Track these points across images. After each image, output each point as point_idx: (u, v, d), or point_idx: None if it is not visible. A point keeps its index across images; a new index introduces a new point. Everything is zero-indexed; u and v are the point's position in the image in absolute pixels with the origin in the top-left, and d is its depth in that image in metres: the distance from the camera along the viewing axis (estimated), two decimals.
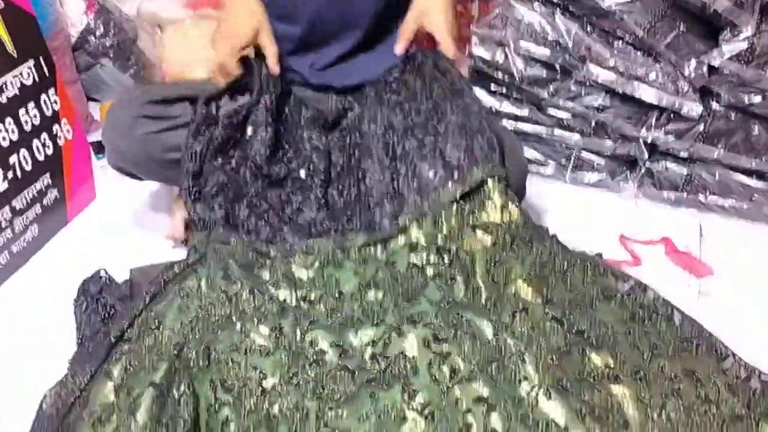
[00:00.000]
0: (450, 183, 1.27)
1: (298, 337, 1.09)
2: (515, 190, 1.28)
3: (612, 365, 1.05)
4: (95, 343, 1.10)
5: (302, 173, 1.35)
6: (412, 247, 1.25)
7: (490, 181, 1.26)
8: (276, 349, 1.07)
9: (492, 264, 1.20)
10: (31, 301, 1.34)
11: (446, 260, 1.22)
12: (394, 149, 1.33)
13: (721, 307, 1.36)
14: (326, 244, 1.26)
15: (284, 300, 1.16)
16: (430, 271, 1.21)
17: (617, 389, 1.02)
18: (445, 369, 1.03)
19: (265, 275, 1.21)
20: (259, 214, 1.30)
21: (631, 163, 1.70)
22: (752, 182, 1.61)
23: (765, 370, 1.09)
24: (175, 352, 1.04)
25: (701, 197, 1.64)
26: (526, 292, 1.15)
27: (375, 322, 1.12)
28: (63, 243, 1.51)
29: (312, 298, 1.18)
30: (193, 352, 1.03)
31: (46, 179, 1.50)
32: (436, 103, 1.33)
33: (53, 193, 1.52)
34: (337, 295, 1.19)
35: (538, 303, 1.13)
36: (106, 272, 1.29)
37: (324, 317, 1.14)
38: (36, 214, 1.47)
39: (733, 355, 1.12)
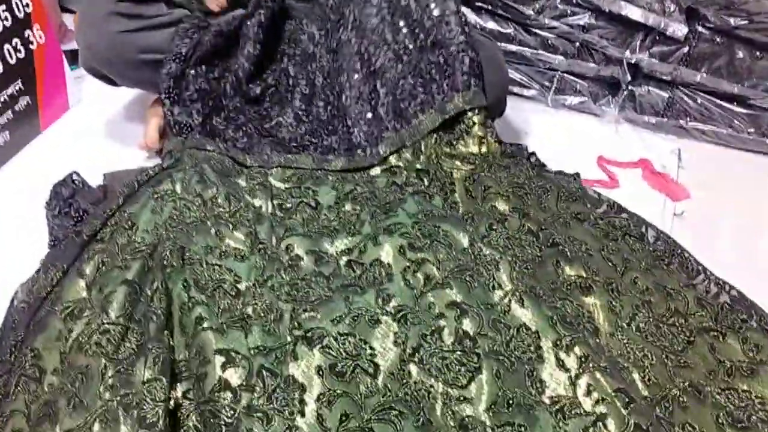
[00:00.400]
0: (430, 111, 1.27)
1: (274, 243, 1.09)
2: (494, 101, 1.28)
3: (584, 276, 1.06)
4: (67, 242, 1.09)
5: (281, 88, 1.33)
6: (392, 173, 1.26)
7: (470, 112, 1.26)
8: (251, 254, 1.07)
9: (470, 183, 1.22)
10: (2, 207, 1.32)
11: (425, 181, 1.23)
12: (372, 61, 1.31)
13: (696, 230, 1.38)
14: (305, 159, 1.26)
15: (260, 207, 1.16)
16: (409, 189, 1.22)
17: (589, 299, 1.04)
18: (420, 275, 1.04)
19: (242, 182, 1.20)
20: (238, 125, 1.29)
21: (614, 86, 1.69)
22: (733, 108, 1.61)
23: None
24: (149, 251, 1.03)
25: (682, 122, 1.64)
26: (503, 206, 1.16)
27: (351, 232, 1.13)
28: (36, 151, 1.48)
29: (288, 206, 1.17)
30: (167, 252, 1.02)
31: (17, 85, 1.45)
32: (420, 13, 1.30)
33: (25, 100, 1.48)
34: (313, 205, 1.18)
35: (514, 217, 1.14)
36: (79, 176, 1.27)
37: (300, 226, 1.14)
38: (8, 120, 1.43)
39: (705, 270, 1.14)
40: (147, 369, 0.88)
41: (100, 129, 1.53)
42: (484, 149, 1.27)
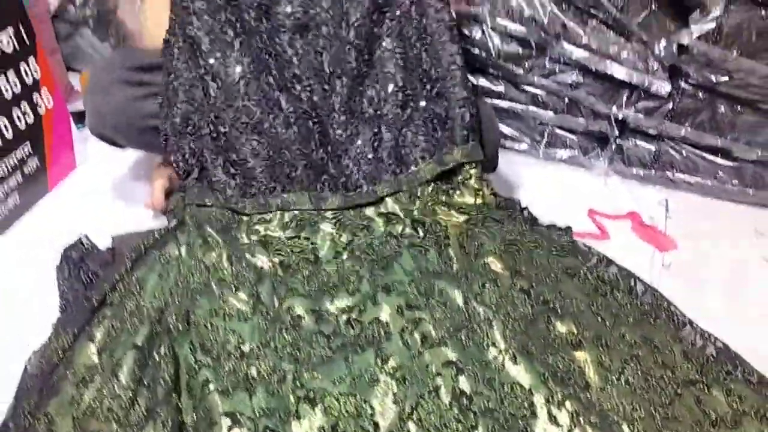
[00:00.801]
0: (429, 161, 1.33)
1: (276, 304, 1.13)
2: (488, 158, 1.34)
3: (575, 332, 1.10)
4: (78, 307, 1.13)
5: (278, 126, 1.32)
6: (388, 218, 1.30)
7: (467, 165, 1.32)
8: (254, 314, 1.11)
9: (464, 238, 1.26)
10: (13, 269, 1.36)
11: (420, 233, 1.28)
12: (380, 105, 1.36)
13: (683, 280, 1.42)
14: (302, 199, 1.30)
15: (261, 267, 1.20)
16: (405, 241, 1.26)
17: (579, 354, 1.07)
18: (417, 335, 1.08)
19: (243, 238, 1.24)
20: (234, 165, 1.32)
21: (602, 140, 1.74)
22: (717, 160, 1.66)
23: (723, 338, 1.15)
24: (156, 316, 1.07)
25: (668, 174, 1.69)
26: (496, 265, 1.20)
27: (351, 290, 1.16)
28: (44, 211, 1.53)
29: (289, 264, 1.21)
30: (173, 317, 1.06)
31: (26, 147, 1.51)
32: (430, 64, 1.35)
33: (34, 162, 1.53)
34: (313, 260, 1.23)
35: (506, 275, 1.18)
36: (88, 239, 1.31)
37: (300, 284, 1.18)
38: (17, 182, 1.48)
39: (691, 323, 1.18)
40: None
41: (107, 188, 1.58)
42: (479, 201, 1.33)
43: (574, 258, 1.28)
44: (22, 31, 1.49)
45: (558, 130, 1.75)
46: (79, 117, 1.63)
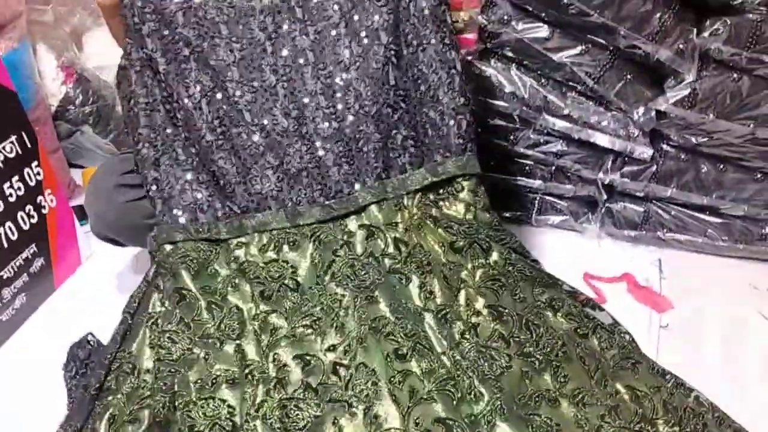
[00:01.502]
0: (419, 168, 1.28)
1: (261, 357, 1.13)
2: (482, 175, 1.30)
3: (551, 389, 1.10)
4: (78, 399, 1.14)
5: (254, 138, 1.27)
6: (370, 231, 1.25)
7: (461, 178, 1.28)
8: (241, 375, 1.10)
9: (447, 270, 1.22)
10: (22, 369, 1.38)
11: (403, 253, 1.23)
12: (368, 103, 1.28)
13: (682, 340, 1.43)
14: (278, 217, 1.25)
15: (242, 312, 1.18)
16: (387, 263, 1.22)
17: (556, 412, 1.07)
18: (405, 389, 1.06)
19: (222, 271, 1.22)
20: (206, 185, 1.28)
21: (592, 204, 1.78)
22: (705, 217, 1.69)
23: (722, 395, 1.17)
24: (156, 397, 1.07)
25: (659, 233, 1.72)
26: (478, 302, 1.18)
27: (336, 325, 1.15)
28: (51, 310, 1.56)
29: (269, 294, 1.19)
30: (159, 407, 1.06)
31: (32, 248, 1.55)
32: (426, 65, 1.28)
33: (39, 262, 1.57)
34: (294, 287, 1.20)
35: (486, 320, 1.17)
36: (94, 336, 1.34)
37: (284, 322, 1.16)
38: (24, 283, 1.52)
39: (671, 374, 1.19)
40: None
41: (112, 284, 1.61)
42: (470, 216, 1.28)
43: (558, 291, 1.27)
44: (24, 136, 1.55)
45: (548, 197, 1.79)
46: (82, 212, 1.67)
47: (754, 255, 1.70)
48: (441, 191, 1.29)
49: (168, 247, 1.24)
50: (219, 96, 1.26)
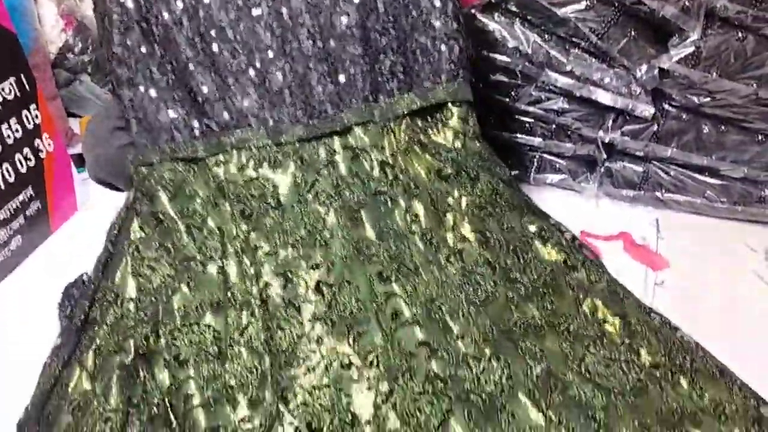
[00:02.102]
0: (408, 93, 1.25)
1: (244, 276, 1.12)
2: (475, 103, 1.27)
3: (537, 316, 1.09)
4: (64, 331, 1.14)
5: (236, 54, 1.25)
6: (355, 154, 1.22)
7: (451, 104, 1.25)
8: (224, 299, 1.09)
9: (435, 194, 1.20)
10: (16, 309, 1.39)
11: (389, 176, 1.21)
12: (358, 23, 1.24)
13: (677, 297, 1.43)
14: (258, 134, 1.23)
15: (222, 231, 1.17)
16: (372, 185, 1.20)
17: (542, 342, 1.06)
18: (388, 311, 1.07)
19: (201, 191, 1.20)
20: (182, 102, 1.26)
21: (591, 163, 1.77)
22: (705, 179, 1.69)
23: (718, 353, 1.17)
24: (139, 328, 1.08)
25: (658, 194, 1.72)
26: (464, 227, 1.17)
27: (319, 244, 1.13)
28: (47, 253, 1.56)
29: (249, 213, 1.17)
30: (141, 339, 1.07)
31: (28, 191, 1.55)
32: None
33: (36, 205, 1.57)
34: (275, 205, 1.18)
35: (473, 245, 1.15)
36: (89, 276, 1.34)
37: (266, 241, 1.15)
38: (20, 225, 1.52)
39: (657, 312, 1.19)
40: None
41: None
42: (458, 144, 1.26)
43: (547, 222, 1.25)
44: (23, 79, 1.54)
45: (547, 156, 1.78)
46: (80, 160, 1.67)
47: (752, 217, 1.69)
48: (430, 118, 1.27)
49: (144, 170, 1.21)
50: (201, 13, 1.23)
